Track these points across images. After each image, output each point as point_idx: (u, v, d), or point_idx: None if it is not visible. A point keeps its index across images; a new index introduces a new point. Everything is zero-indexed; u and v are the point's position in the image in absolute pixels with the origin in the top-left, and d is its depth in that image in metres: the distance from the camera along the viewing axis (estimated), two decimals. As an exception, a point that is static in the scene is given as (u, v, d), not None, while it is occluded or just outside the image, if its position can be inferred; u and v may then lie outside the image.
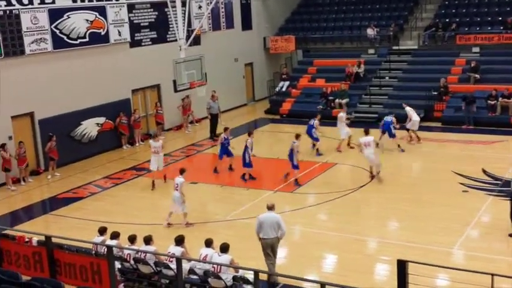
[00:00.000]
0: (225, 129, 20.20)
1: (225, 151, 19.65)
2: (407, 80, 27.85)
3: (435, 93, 25.75)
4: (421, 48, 29.35)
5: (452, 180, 17.60)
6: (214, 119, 24.76)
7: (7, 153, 18.85)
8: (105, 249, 11.06)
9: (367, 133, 18.15)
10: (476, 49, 27.75)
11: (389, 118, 21.19)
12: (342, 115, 21.65)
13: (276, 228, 11.81)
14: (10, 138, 19.56)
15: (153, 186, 18.48)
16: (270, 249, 11.92)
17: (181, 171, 15.63)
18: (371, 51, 30.09)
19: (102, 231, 12.49)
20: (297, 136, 18.36)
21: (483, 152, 20.72)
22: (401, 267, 8.59)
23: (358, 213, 15.73)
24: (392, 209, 15.97)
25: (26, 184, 19.51)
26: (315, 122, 21.06)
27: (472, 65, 26.34)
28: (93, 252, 12.03)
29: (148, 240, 11.80)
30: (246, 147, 18.68)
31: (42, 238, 11.19)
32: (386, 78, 28.35)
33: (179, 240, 11.65)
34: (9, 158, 18.94)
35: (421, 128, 24.19)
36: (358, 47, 30.69)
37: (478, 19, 29.47)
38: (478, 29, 28.71)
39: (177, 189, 15.27)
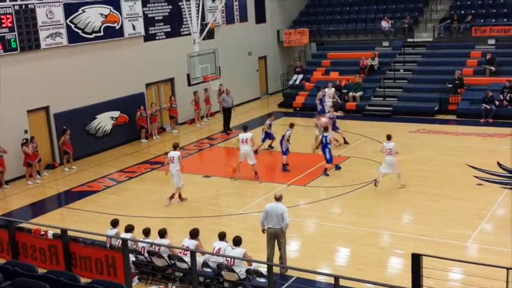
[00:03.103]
0: (291, 125, 19.49)
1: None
2: (422, 73, 27.68)
3: (450, 85, 25.55)
4: (436, 40, 29.14)
5: (467, 174, 17.49)
6: (227, 113, 24.79)
7: (29, 148, 19.03)
8: (120, 242, 11.15)
9: (389, 139, 17.20)
10: (492, 41, 27.51)
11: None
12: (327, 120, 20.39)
13: (281, 219, 11.81)
14: (26, 132, 19.73)
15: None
16: (274, 239, 11.96)
17: (175, 146, 16.73)
18: (385, 43, 29.94)
19: (114, 223, 12.61)
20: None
21: (498, 145, 20.54)
22: (416, 260, 8.57)
23: (372, 207, 15.67)
24: (406, 203, 15.91)
25: (41, 178, 19.67)
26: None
27: (488, 57, 26.12)
28: (108, 245, 12.15)
29: (163, 233, 11.90)
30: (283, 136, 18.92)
31: (58, 231, 11.31)
32: (401, 71, 28.20)
33: (194, 234, 11.72)
34: (33, 153, 19.11)
35: (436, 121, 24.15)
36: (373, 39, 30.53)
37: (494, 11, 29.20)
38: (493, 21, 28.45)
39: (173, 162, 16.19)
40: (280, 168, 18.89)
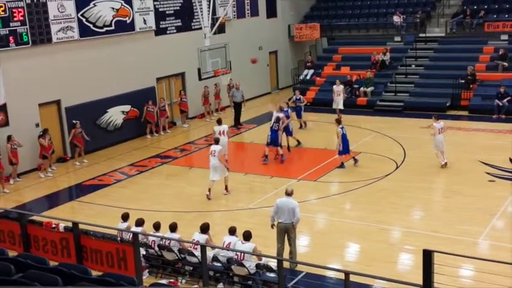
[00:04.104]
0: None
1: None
2: (434, 68, 27.50)
3: (462, 81, 25.38)
4: (448, 35, 28.93)
5: (479, 170, 17.38)
6: (238, 108, 24.77)
7: (45, 140, 19.12)
8: (131, 236, 11.17)
9: (438, 119, 18.05)
10: (504, 37, 27.28)
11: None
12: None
13: (292, 214, 11.82)
14: (37, 125, 19.82)
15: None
16: (284, 234, 11.96)
17: (216, 141, 16.73)
18: (397, 38, 29.75)
19: (125, 217, 12.67)
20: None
21: (510, 141, 20.37)
22: (427, 257, 8.51)
23: (382, 203, 15.60)
24: (417, 199, 15.84)
25: (52, 171, 19.74)
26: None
27: (501, 52, 25.91)
28: (119, 238, 12.19)
29: (173, 227, 11.93)
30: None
31: (69, 224, 11.35)
32: (413, 66, 28.04)
33: (204, 228, 11.74)
34: (48, 145, 19.20)
35: (448, 117, 23.99)
36: (384, 34, 30.36)
37: (507, 6, 28.93)
38: (506, 16, 28.19)
39: (214, 155, 16.09)
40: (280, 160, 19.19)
